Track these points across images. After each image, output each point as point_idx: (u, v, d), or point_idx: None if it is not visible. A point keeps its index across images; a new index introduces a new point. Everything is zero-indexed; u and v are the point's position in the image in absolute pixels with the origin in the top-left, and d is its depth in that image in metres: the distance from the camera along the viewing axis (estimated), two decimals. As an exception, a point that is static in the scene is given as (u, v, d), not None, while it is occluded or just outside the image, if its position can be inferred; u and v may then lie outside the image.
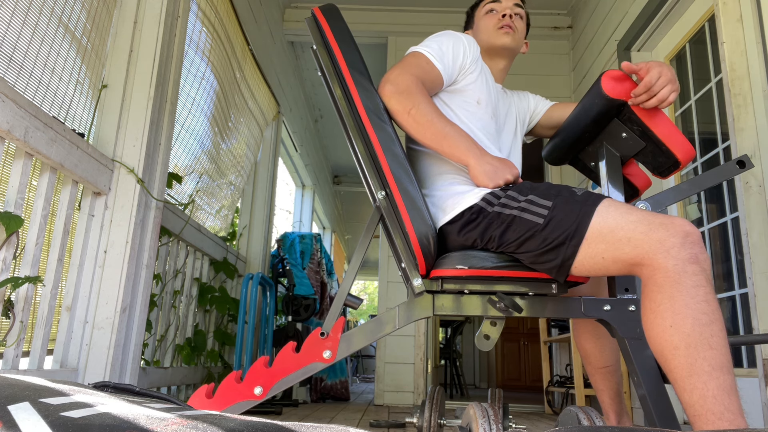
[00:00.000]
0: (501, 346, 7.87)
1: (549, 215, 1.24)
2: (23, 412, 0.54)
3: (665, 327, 1.08)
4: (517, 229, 1.27)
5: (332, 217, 8.30)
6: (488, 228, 1.32)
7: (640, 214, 1.17)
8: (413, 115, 1.39)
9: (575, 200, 1.25)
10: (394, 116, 1.43)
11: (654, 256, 1.11)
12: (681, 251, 1.09)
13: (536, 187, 1.33)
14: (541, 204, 1.27)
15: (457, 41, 1.54)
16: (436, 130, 1.39)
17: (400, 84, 1.42)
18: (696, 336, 1.05)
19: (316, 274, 4.53)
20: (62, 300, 1.80)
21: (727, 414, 1.01)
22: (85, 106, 1.94)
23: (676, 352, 1.06)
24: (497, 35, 1.63)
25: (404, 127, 1.43)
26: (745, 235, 2.02)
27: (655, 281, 1.11)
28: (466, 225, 1.36)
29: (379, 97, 1.44)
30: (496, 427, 1.08)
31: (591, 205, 1.22)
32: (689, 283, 1.07)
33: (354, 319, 12.41)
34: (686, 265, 1.08)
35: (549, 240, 1.23)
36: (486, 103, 1.54)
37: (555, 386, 3.90)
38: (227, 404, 1.28)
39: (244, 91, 3.59)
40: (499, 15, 1.65)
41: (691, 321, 1.06)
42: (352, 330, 1.35)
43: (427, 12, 4.53)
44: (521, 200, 1.31)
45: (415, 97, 1.40)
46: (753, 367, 2.36)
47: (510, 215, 1.29)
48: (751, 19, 2.11)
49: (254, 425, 0.53)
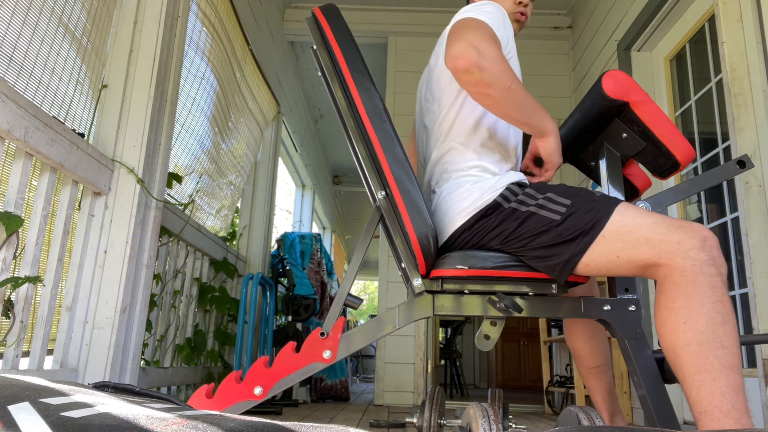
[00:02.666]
0: (501, 346, 7.87)
1: (567, 212, 1.26)
2: (23, 412, 0.54)
3: (678, 323, 1.09)
4: (533, 225, 1.28)
5: (332, 217, 8.30)
6: (502, 223, 1.32)
7: (658, 217, 1.19)
8: (513, 90, 1.24)
9: (594, 200, 1.26)
10: (489, 90, 1.23)
11: (672, 257, 1.12)
12: (699, 253, 1.11)
13: (554, 187, 1.34)
14: (559, 202, 1.28)
15: (505, 18, 1.44)
16: (529, 107, 1.29)
17: (489, 53, 1.22)
18: (709, 334, 1.06)
19: (316, 274, 4.53)
20: (62, 300, 1.80)
21: (734, 412, 1.01)
22: (85, 106, 1.94)
23: (687, 348, 1.07)
24: (512, 17, 1.58)
25: (495, 103, 1.26)
26: (745, 235, 2.02)
27: (672, 280, 1.12)
28: (480, 219, 1.35)
29: (380, 97, 1.44)
30: (496, 427, 1.08)
31: (610, 206, 1.24)
32: (705, 284, 1.09)
33: (354, 319, 12.41)
34: (704, 266, 1.10)
35: (563, 235, 1.24)
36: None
37: (555, 386, 3.90)
38: (227, 404, 1.28)
39: (244, 91, 3.59)
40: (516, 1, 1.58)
41: (705, 319, 1.07)
42: (352, 330, 1.35)
43: (427, 12, 4.53)
44: (539, 198, 1.31)
45: (510, 71, 1.25)
46: (753, 367, 2.36)
47: (527, 211, 1.30)
48: (751, 19, 2.11)
49: (254, 425, 0.53)
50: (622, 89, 1.35)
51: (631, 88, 1.35)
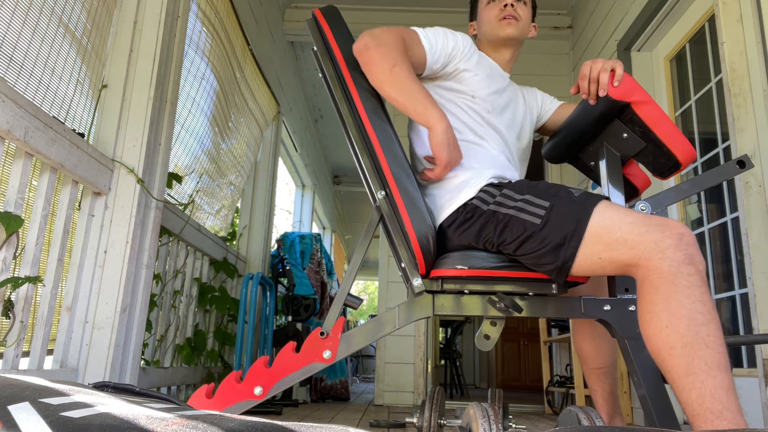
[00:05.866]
0: (501, 346, 7.87)
1: (546, 216, 1.24)
2: (23, 412, 0.54)
3: (661, 327, 1.08)
4: (514, 230, 1.27)
5: (332, 217, 8.29)
6: (484, 227, 1.32)
7: (636, 216, 1.18)
8: (396, 72, 1.34)
9: (573, 201, 1.25)
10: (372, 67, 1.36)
11: (649, 257, 1.11)
12: (676, 252, 1.10)
13: (534, 186, 1.33)
14: (538, 204, 1.27)
15: (450, 33, 1.52)
16: (413, 91, 1.35)
17: (383, 38, 1.37)
18: (692, 336, 1.05)
19: (316, 274, 4.53)
20: (62, 300, 1.80)
21: (726, 413, 1.01)
22: (85, 106, 1.94)
23: (672, 352, 1.06)
24: (500, 26, 1.59)
25: (380, 82, 1.36)
26: (745, 235, 2.02)
27: (650, 282, 1.12)
28: (462, 224, 1.36)
29: (380, 97, 1.44)
30: (496, 427, 1.08)
31: (589, 206, 1.22)
32: (684, 284, 1.08)
33: (354, 319, 12.41)
34: (681, 266, 1.09)
35: (547, 241, 1.23)
36: (483, 97, 1.52)
37: (555, 386, 3.90)
38: (227, 404, 1.28)
39: (244, 91, 3.59)
40: (500, 5, 1.60)
41: (687, 321, 1.06)
42: (352, 330, 1.35)
43: (427, 12, 4.53)
44: (518, 199, 1.30)
45: (400, 55, 1.37)
46: (753, 367, 2.36)
47: (506, 215, 1.29)
48: (751, 19, 2.11)
49: (254, 425, 0.53)
50: (624, 90, 1.35)
51: (633, 89, 1.35)
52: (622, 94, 1.35)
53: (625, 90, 1.35)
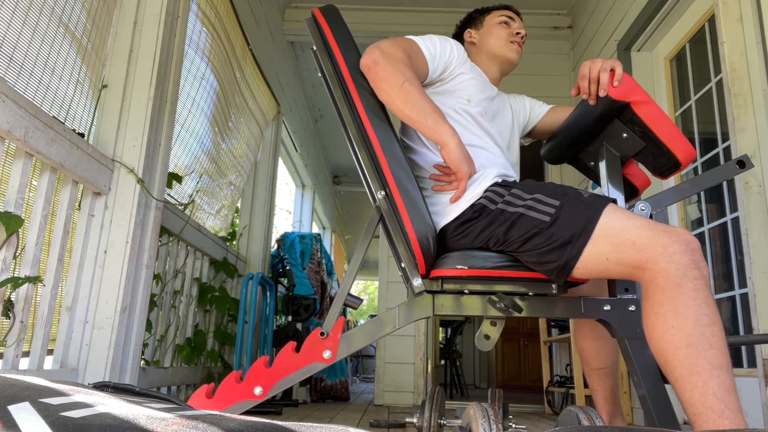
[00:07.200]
0: (501, 346, 7.87)
1: (556, 214, 1.26)
2: (23, 412, 0.54)
3: (667, 327, 1.10)
4: (522, 227, 1.28)
5: (332, 217, 8.29)
6: (490, 225, 1.33)
7: (644, 221, 1.20)
8: (406, 88, 1.35)
9: (583, 201, 1.26)
10: (383, 83, 1.36)
11: (657, 260, 1.13)
12: (683, 257, 1.12)
13: (542, 186, 1.34)
14: (548, 203, 1.28)
15: (444, 40, 1.56)
16: (424, 106, 1.36)
17: (392, 55, 1.39)
18: (697, 336, 1.07)
19: (316, 274, 4.53)
20: (62, 300, 1.80)
21: (728, 412, 1.02)
22: (85, 106, 1.94)
23: (677, 351, 1.08)
24: (509, 47, 1.68)
25: (390, 98, 1.37)
26: (745, 235, 2.02)
27: (657, 284, 1.13)
28: (465, 223, 1.37)
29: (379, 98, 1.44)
30: (496, 427, 1.08)
31: (599, 207, 1.24)
32: (690, 287, 1.10)
33: (354, 319, 12.41)
34: (687, 270, 1.11)
35: (555, 238, 1.24)
36: (477, 102, 1.55)
37: (555, 386, 3.89)
38: (227, 404, 1.28)
39: (244, 91, 3.59)
40: (512, 30, 1.70)
41: (692, 321, 1.08)
42: (352, 330, 1.35)
43: (427, 12, 4.53)
44: (527, 198, 1.31)
45: (408, 71, 1.38)
46: (753, 367, 2.36)
47: (515, 212, 1.30)
48: (751, 19, 2.11)
49: (254, 425, 0.53)
50: (624, 90, 1.35)
51: (633, 89, 1.35)
52: (622, 93, 1.35)
53: (625, 90, 1.35)
